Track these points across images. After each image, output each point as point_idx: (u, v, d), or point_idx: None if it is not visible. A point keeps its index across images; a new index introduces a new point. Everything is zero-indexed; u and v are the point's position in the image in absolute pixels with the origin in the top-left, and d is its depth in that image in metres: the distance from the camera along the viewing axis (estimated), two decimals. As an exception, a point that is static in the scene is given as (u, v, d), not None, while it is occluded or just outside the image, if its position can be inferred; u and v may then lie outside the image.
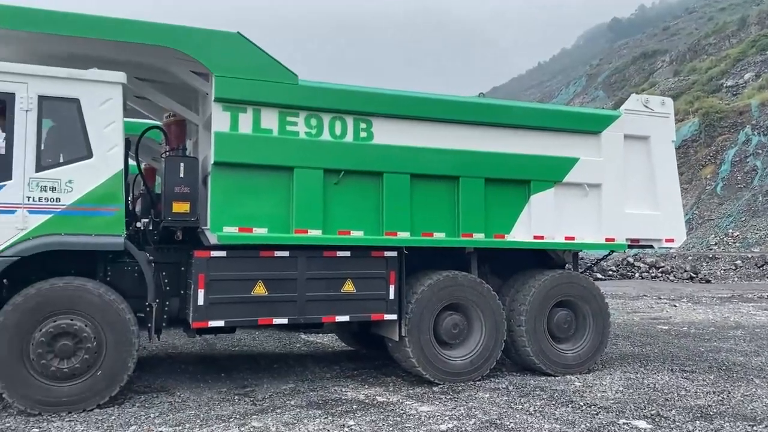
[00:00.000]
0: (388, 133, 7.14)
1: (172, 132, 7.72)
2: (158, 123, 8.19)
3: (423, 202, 7.24)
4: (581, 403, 6.44)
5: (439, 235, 7.33)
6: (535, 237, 7.75)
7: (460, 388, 7.07)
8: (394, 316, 7.12)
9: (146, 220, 7.29)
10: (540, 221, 7.74)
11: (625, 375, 7.86)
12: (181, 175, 6.65)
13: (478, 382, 7.32)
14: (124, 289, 6.35)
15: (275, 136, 6.73)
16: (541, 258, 8.46)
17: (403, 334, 7.16)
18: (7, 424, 5.52)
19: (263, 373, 7.83)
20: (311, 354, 9.51)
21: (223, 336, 10.01)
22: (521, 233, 7.70)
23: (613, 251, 8.99)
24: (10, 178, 5.81)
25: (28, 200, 5.86)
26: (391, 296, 7.11)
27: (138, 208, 8.27)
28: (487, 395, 6.78)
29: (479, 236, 7.45)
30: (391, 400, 6.53)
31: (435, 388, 7.03)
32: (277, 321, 6.79)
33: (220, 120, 6.54)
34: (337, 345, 10.23)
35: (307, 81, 6.90)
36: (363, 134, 7.07)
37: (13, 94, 5.89)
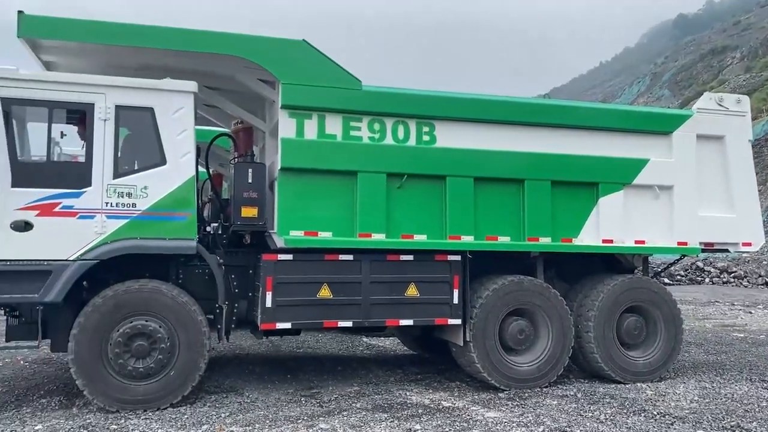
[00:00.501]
0: (451, 136, 7.11)
1: (240, 139, 7.94)
2: (227, 130, 8.43)
3: (487, 206, 7.17)
4: (654, 413, 6.22)
5: (503, 239, 7.23)
6: (604, 241, 7.55)
7: (526, 394, 6.95)
8: (458, 321, 7.07)
9: (215, 224, 7.50)
10: (609, 225, 7.54)
11: (699, 384, 7.55)
12: (250, 180, 6.81)
13: (545, 389, 7.18)
14: (195, 292, 6.55)
15: (339, 142, 6.81)
16: (610, 262, 8.23)
17: (467, 339, 7.10)
18: (88, 420, 5.77)
19: (328, 375, 7.92)
20: (374, 357, 9.55)
21: (288, 338, 10.20)
22: (589, 237, 7.52)
23: (684, 255, 8.65)
24: (89, 184, 6.09)
25: (106, 206, 6.12)
26: (455, 300, 7.07)
27: (206, 213, 8.51)
28: (555, 402, 6.64)
29: (546, 240, 7.32)
30: (456, 405, 6.48)
31: (501, 394, 6.94)
32: (342, 324, 6.85)
33: (286, 126, 6.67)
34: (399, 348, 10.24)
35: (370, 86, 6.95)
36: (426, 138, 7.07)
37: (93, 104, 6.17)
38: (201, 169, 8.31)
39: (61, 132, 6.41)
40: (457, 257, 7.11)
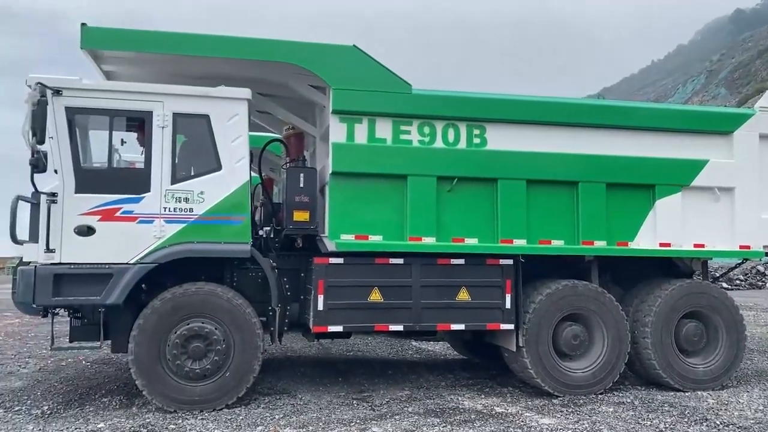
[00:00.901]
0: (502, 139, 7.04)
1: (291, 144, 8.05)
2: (278, 136, 8.55)
3: (540, 209, 7.06)
4: (717, 422, 6.00)
5: (557, 243, 7.11)
6: (661, 244, 7.34)
7: (581, 401, 6.81)
8: (510, 326, 6.98)
9: (267, 228, 7.61)
10: (666, 228, 7.33)
11: (764, 393, 7.25)
12: (301, 185, 6.89)
13: (600, 396, 7.02)
14: (249, 294, 6.66)
15: (389, 145, 6.82)
16: (667, 266, 8.00)
17: (520, 345, 7.00)
18: (147, 420, 5.93)
19: (379, 378, 7.93)
20: (424, 361, 9.52)
21: (338, 341, 10.27)
22: (646, 240, 7.32)
23: (746, 259, 8.33)
24: (148, 190, 6.27)
25: (165, 211, 6.29)
26: (508, 305, 6.98)
27: (258, 217, 8.65)
28: (611, 409, 6.48)
29: (601, 244, 7.16)
30: (509, 411, 6.39)
31: (555, 401, 6.81)
32: (392, 327, 6.85)
33: (337, 131, 6.72)
34: (449, 353, 10.18)
35: (420, 90, 6.95)
36: (476, 140, 7.02)
37: (151, 112, 6.36)
38: (253, 174, 8.50)
39: (122, 139, 6.63)
40: (510, 261, 7.02)
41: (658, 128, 7.42)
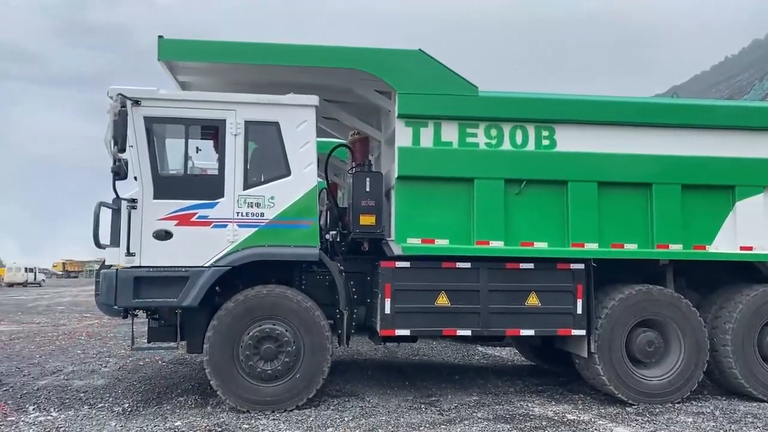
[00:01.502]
0: (572, 140, 6.90)
1: (357, 149, 8.13)
2: (344, 141, 8.66)
3: (612, 212, 6.87)
4: (807, 436, 5.67)
5: (630, 247, 6.90)
6: (742, 248, 7.02)
7: (657, 410, 6.58)
8: (582, 332, 6.81)
9: (333, 232, 7.71)
10: (747, 230, 7.00)
11: None
12: (368, 189, 6.95)
13: (677, 405, 6.76)
14: (317, 297, 6.75)
15: (455, 148, 6.80)
16: (748, 271, 7.60)
17: (592, 351, 6.82)
18: (222, 419, 6.10)
19: (446, 383, 7.89)
20: (491, 367, 9.41)
21: (404, 344, 10.28)
22: (725, 244, 7.02)
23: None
24: (222, 195, 6.47)
25: (237, 215, 6.47)
26: (579, 311, 6.82)
27: (323, 221, 8.78)
28: (690, 419, 6.23)
29: (676, 247, 6.90)
30: (582, 418, 6.24)
31: (629, 409, 6.60)
32: (460, 332, 6.80)
33: (402, 135, 6.75)
34: (517, 359, 10.03)
35: (486, 92, 6.89)
36: (545, 142, 6.90)
37: (224, 120, 6.56)
38: (318, 179, 8.64)
39: (197, 147, 6.86)
40: (581, 266, 6.86)
41: (738, 126, 7.11)
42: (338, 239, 7.57)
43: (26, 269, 50.86)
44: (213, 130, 6.68)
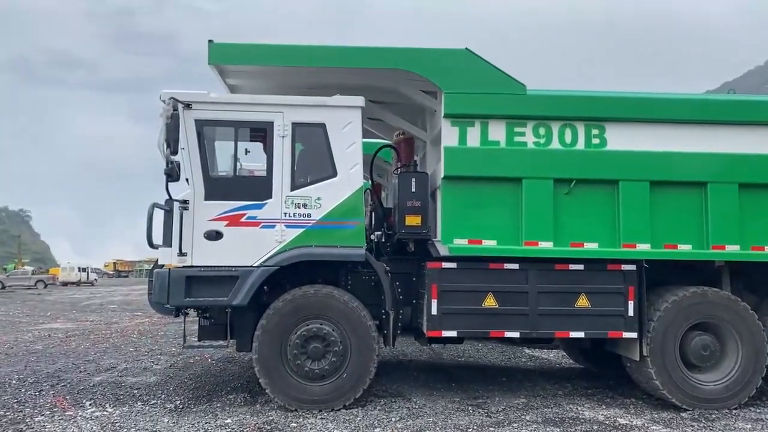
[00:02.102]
0: (623, 139, 6.74)
1: (402, 149, 8.13)
2: (389, 142, 8.67)
3: (665, 212, 6.68)
4: None
5: (684, 247, 6.70)
6: (804, 249, 6.73)
7: (713, 416, 6.37)
8: (633, 335, 6.66)
9: (379, 232, 7.72)
10: (811, 231, 6.70)
11: None
12: (413, 189, 6.94)
13: (734, 411, 6.54)
14: (363, 298, 6.77)
15: (503, 148, 6.72)
16: (810, 273, 7.30)
17: (644, 354, 6.66)
18: (270, 417, 6.17)
19: (493, 385, 7.81)
20: (538, 369, 9.27)
21: (450, 346, 10.22)
22: (786, 245, 6.73)
23: None
24: (270, 196, 6.55)
25: (285, 216, 6.54)
26: (630, 313, 6.66)
27: (367, 222, 8.79)
28: (749, 426, 6.02)
29: (733, 248, 6.67)
30: (634, 423, 6.09)
31: (683, 414, 6.42)
32: (508, 334, 6.73)
33: (449, 135, 6.71)
34: (564, 361, 9.86)
35: (534, 90, 6.80)
36: (595, 141, 6.76)
37: (272, 122, 6.64)
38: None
39: (246, 149, 6.96)
40: (632, 267, 6.69)
41: (801, 123, 6.82)
42: (383, 240, 7.58)
43: (79, 269, 52.51)
44: (261, 132, 6.77)
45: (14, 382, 7.87)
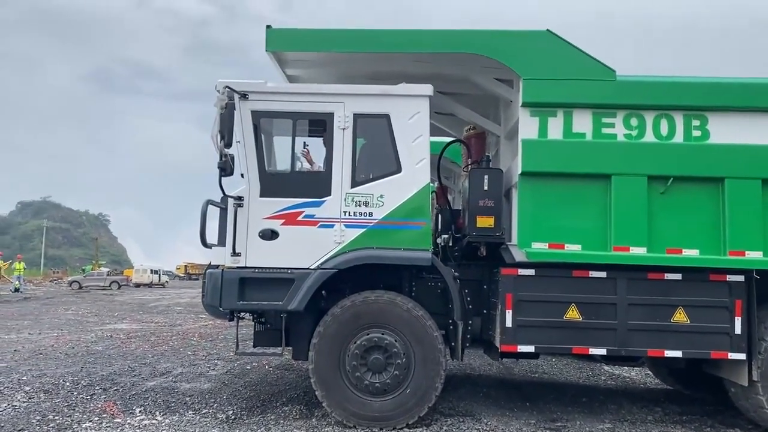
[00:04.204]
0: (729, 131, 5.90)
1: (472, 145, 7.51)
2: (458, 137, 8.05)
3: (781, 214, 5.77)
4: None
5: (805, 256, 5.76)
6: None
7: (841, 455, 5.41)
8: (741, 356, 5.78)
9: (446, 235, 7.09)
10: None
11: None
12: (486, 188, 6.29)
13: None
14: (428, 306, 6.16)
15: (589, 141, 5.99)
16: None
17: (754, 379, 5.77)
18: (326, 433, 5.65)
19: (572, 406, 7.02)
20: (621, 389, 8.38)
21: (522, 360, 9.47)
22: None
23: None
24: (329, 194, 6.04)
25: (344, 215, 6.02)
26: (738, 331, 5.79)
27: (433, 224, 8.18)
28: None
29: None
30: (745, 460, 5.22)
31: (803, 452, 5.49)
32: (593, 351, 5.98)
33: (527, 126, 6.04)
34: (650, 380, 8.93)
35: (625, 76, 6.04)
36: (696, 133, 5.94)
37: (332, 113, 6.13)
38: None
39: (304, 143, 6.51)
40: (740, 278, 5.82)
41: None
42: (451, 244, 6.94)
43: (152, 271, 54.05)
44: (320, 126, 6.28)
45: (68, 384, 7.66)
